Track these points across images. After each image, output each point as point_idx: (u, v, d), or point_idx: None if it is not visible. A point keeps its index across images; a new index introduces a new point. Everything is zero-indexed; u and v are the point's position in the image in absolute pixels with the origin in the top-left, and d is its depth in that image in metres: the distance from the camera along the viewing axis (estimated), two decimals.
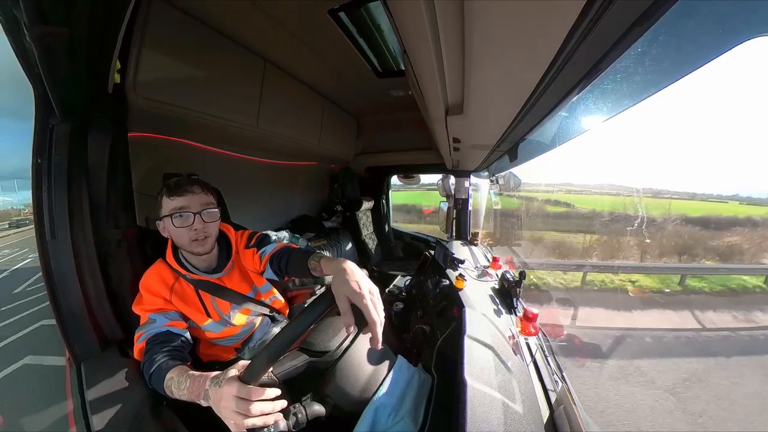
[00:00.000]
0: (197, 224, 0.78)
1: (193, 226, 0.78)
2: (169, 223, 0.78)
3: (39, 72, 0.65)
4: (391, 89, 1.91)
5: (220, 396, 0.52)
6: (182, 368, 0.66)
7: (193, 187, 0.79)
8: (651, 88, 0.60)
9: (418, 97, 0.99)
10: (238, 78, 1.35)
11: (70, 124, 0.79)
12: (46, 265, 0.79)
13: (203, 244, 0.81)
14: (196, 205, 0.79)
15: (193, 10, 1.06)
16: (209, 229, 0.81)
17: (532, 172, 1.95)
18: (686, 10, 0.36)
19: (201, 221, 0.79)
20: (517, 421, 0.60)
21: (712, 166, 49.81)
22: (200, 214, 0.78)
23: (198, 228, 0.78)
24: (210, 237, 0.82)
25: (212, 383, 0.56)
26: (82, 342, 0.81)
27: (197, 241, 0.79)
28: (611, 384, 2.99)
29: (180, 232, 0.78)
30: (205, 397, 0.56)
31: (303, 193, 2.62)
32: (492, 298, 1.26)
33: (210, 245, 0.83)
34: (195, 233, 0.78)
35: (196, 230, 0.78)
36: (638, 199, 6.17)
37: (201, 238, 0.79)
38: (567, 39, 0.41)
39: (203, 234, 0.80)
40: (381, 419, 0.66)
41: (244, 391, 0.51)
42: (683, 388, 3.03)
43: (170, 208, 0.77)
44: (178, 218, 0.77)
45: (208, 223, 0.80)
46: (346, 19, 1.19)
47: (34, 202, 0.78)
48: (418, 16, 0.43)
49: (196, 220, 0.78)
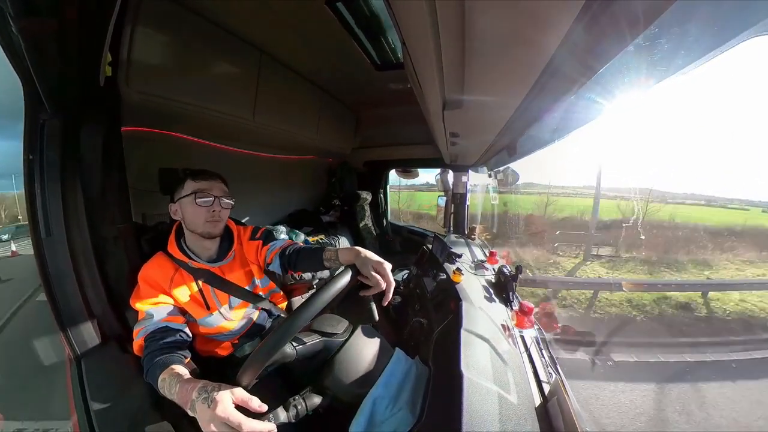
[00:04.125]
0: (216, 206, 0.85)
1: (212, 207, 0.85)
2: (189, 202, 0.84)
3: (27, 65, 0.63)
4: (390, 82, 1.88)
5: (209, 417, 0.52)
6: (175, 370, 0.66)
7: (214, 176, 0.90)
8: (651, 82, 0.60)
9: (416, 91, 0.98)
10: (234, 70, 1.33)
11: (61, 119, 0.78)
12: (42, 263, 0.79)
13: (215, 226, 0.87)
14: (218, 190, 0.87)
15: (187, 0, 1.03)
16: (224, 215, 0.89)
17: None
18: (687, 6, 0.36)
19: (219, 205, 0.86)
20: (511, 411, 0.62)
21: (731, 164, 45.27)
22: (220, 199, 0.86)
23: (216, 210, 0.86)
24: (222, 222, 0.89)
25: (199, 396, 0.55)
26: (81, 339, 0.81)
27: (211, 222, 0.85)
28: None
29: (199, 211, 0.84)
30: (192, 408, 0.55)
31: (300, 187, 2.61)
32: (488, 292, 1.28)
33: (220, 229, 0.90)
34: (212, 214, 0.85)
35: (214, 211, 0.85)
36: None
37: (216, 220, 0.86)
38: (568, 34, 0.41)
39: (219, 217, 0.87)
40: (379, 410, 0.67)
41: (236, 419, 0.51)
42: None
43: (194, 188, 0.84)
44: (201, 197, 0.83)
45: (224, 210, 0.88)
46: (345, 10, 1.16)
47: (27, 200, 0.77)
48: (418, 8, 0.43)
49: (215, 203, 0.85)
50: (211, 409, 0.52)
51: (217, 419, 0.51)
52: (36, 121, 0.76)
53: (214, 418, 0.51)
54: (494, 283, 1.39)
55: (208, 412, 0.52)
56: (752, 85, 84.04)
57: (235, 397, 0.55)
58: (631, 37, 0.38)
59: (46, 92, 0.71)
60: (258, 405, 0.55)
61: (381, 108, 2.45)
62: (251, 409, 0.55)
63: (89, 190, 0.83)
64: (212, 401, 0.53)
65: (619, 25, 0.36)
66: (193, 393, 0.56)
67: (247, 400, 0.55)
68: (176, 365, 0.68)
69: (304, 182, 2.64)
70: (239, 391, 0.56)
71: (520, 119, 0.94)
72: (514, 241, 8.37)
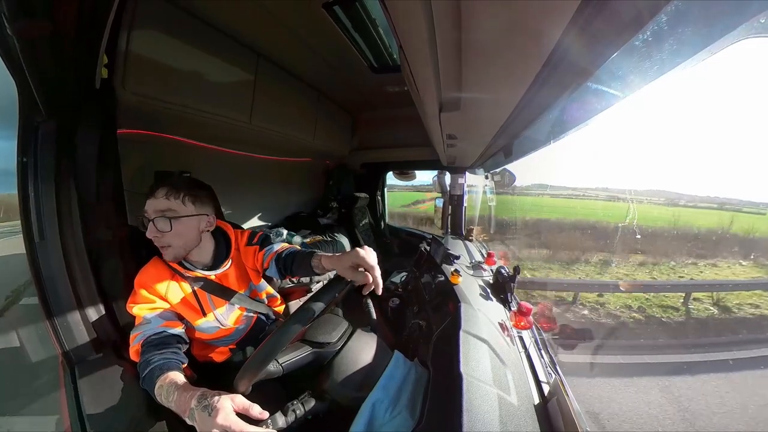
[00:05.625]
0: (150, 231, 0.74)
1: (147, 232, 0.74)
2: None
3: (22, 67, 0.63)
4: (387, 85, 1.89)
5: (210, 425, 0.51)
6: (172, 377, 0.65)
7: (157, 191, 0.75)
8: (645, 83, 0.61)
9: (413, 93, 0.99)
10: (231, 73, 1.33)
11: (56, 122, 0.77)
12: (35, 267, 0.77)
13: (165, 252, 0.77)
14: (151, 211, 0.75)
15: (183, 2, 1.03)
16: (167, 239, 0.75)
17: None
18: (680, 9, 0.37)
19: (154, 228, 0.74)
20: (512, 413, 0.62)
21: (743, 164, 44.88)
22: (152, 221, 0.74)
23: (154, 236, 0.74)
24: (169, 247, 0.76)
25: (199, 404, 0.54)
26: (75, 345, 0.80)
27: (161, 249, 0.77)
28: None
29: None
30: (191, 417, 0.55)
31: (298, 189, 2.60)
32: (487, 293, 1.28)
33: (171, 255, 0.77)
34: (155, 240, 0.74)
35: (155, 237, 0.74)
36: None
37: (163, 246, 0.76)
38: (563, 36, 0.41)
39: (160, 243, 0.75)
40: (378, 414, 0.66)
41: (238, 427, 0.51)
42: None
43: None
44: (142, 222, 0.76)
45: (165, 232, 0.74)
46: (341, 13, 1.17)
47: (21, 203, 0.76)
48: (415, 11, 0.43)
49: (149, 227, 0.74)
50: (212, 418, 0.52)
51: (219, 427, 0.51)
52: (30, 122, 0.75)
53: (215, 427, 0.51)
54: (492, 284, 1.39)
55: (208, 420, 0.52)
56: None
57: (236, 404, 0.54)
58: (628, 36, 0.38)
59: (41, 94, 0.70)
60: (259, 412, 0.55)
61: (378, 110, 2.46)
62: (252, 416, 0.54)
63: (84, 193, 0.82)
64: (213, 409, 0.52)
65: (615, 26, 0.37)
66: (192, 401, 0.56)
67: (248, 408, 0.55)
68: (173, 372, 0.67)
69: (301, 185, 2.64)
70: (239, 399, 0.55)
71: (515, 122, 0.95)
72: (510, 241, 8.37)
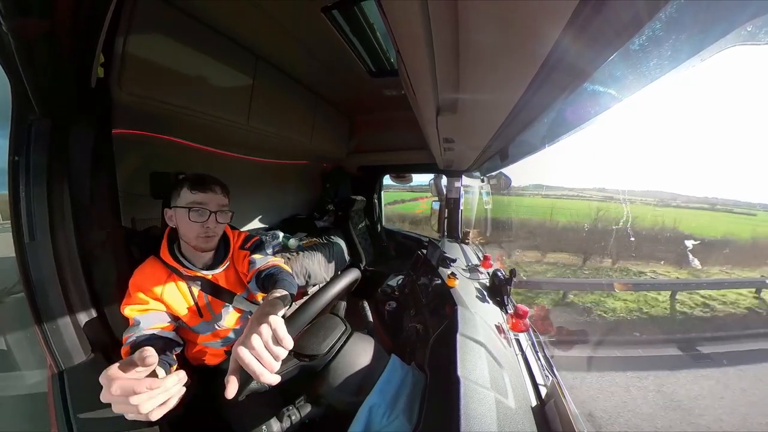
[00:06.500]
0: (211, 223, 0.81)
1: (206, 224, 0.80)
2: (183, 215, 0.79)
3: (17, 64, 0.62)
4: (385, 88, 1.91)
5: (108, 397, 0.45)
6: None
7: (215, 186, 0.83)
8: (640, 87, 0.61)
9: (410, 97, 1.00)
10: (229, 75, 1.32)
11: (50, 120, 0.76)
12: (24, 268, 0.75)
13: (208, 242, 0.83)
14: (215, 204, 0.81)
15: (184, 4, 1.03)
16: (219, 230, 0.84)
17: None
18: (677, 12, 0.38)
19: (215, 221, 0.81)
20: (509, 416, 0.61)
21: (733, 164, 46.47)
22: (216, 214, 0.81)
23: (210, 226, 0.81)
24: (216, 237, 0.85)
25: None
26: (65, 349, 0.78)
27: (204, 238, 0.81)
28: None
29: (192, 226, 0.80)
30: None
31: (295, 192, 2.60)
32: (483, 296, 1.28)
33: (214, 244, 0.86)
34: (206, 230, 0.81)
35: (208, 228, 0.80)
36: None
37: (210, 236, 0.82)
38: (558, 40, 0.42)
39: (213, 232, 0.82)
40: (375, 419, 0.66)
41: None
42: None
43: (189, 201, 0.79)
44: (195, 212, 0.79)
45: (219, 224, 0.83)
46: (340, 18, 1.18)
47: (11, 203, 0.75)
48: (412, 17, 0.43)
49: (210, 218, 0.80)
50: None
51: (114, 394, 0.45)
52: (24, 121, 0.74)
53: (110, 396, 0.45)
54: (489, 286, 1.39)
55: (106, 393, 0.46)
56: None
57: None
58: (626, 37, 0.39)
59: (36, 92, 0.69)
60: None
61: (375, 113, 2.47)
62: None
63: (77, 193, 0.81)
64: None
65: (611, 30, 0.38)
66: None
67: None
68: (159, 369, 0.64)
69: (298, 187, 2.63)
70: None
71: (512, 124, 0.96)
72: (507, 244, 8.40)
